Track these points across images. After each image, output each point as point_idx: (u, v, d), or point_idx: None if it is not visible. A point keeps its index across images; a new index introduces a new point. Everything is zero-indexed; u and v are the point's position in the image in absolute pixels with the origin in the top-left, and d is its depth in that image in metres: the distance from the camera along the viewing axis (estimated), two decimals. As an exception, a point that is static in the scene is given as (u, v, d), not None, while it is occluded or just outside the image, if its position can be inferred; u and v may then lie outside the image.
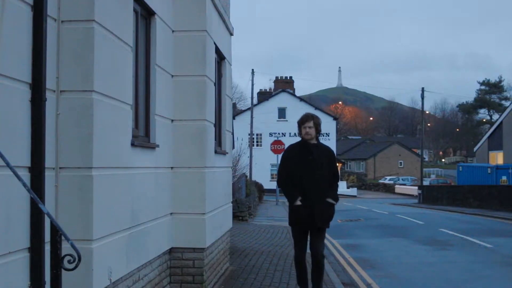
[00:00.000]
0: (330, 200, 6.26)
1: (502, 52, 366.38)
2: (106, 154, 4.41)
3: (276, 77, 59.26)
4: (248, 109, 49.38)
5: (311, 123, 6.39)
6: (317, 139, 6.48)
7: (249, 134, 40.09)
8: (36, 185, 3.54)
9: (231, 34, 9.27)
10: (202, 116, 6.79)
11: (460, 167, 41.08)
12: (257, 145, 51.76)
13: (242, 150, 24.16)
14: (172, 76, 6.70)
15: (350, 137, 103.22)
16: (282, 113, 54.71)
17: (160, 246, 6.18)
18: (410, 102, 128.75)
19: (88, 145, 4.11)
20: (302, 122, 6.46)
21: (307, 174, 6.24)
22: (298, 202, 6.19)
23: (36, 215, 3.50)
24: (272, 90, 59.08)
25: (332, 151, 6.65)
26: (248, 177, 30.57)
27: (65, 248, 3.34)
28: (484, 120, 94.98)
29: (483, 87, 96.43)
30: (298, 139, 6.65)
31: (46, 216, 3.42)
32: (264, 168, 49.17)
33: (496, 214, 24.55)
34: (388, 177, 70.48)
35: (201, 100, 6.80)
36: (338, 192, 6.62)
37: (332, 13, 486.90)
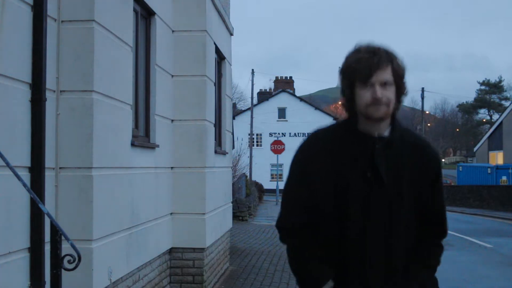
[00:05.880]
0: None
1: (500, 53, 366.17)
2: (106, 154, 4.41)
3: (276, 77, 59.19)
4: (248, 109, 49.35)
5: (388, 71, 2.14)
6: (394, 121, 2.28)
7: (249, 134, 40.03)
8: (36, 185, 3.54)
9: (231, 34, 9.28)
10: (202, 116, 6.79)
11: (460, 167, 41.04)
12: (257, 145, 51.71)
13: (242, 150, 24.12)
14: (172, 76, 6.70)
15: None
16: (282, 113, 54.64)
17: (160, 246, 6.18)
18: (410, 102, 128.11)
19: (88, 145, 4.11)
20: (370, 69, 2.13)
21: (363, 216, 2.24)
22: None
23: (36, 215, 3.50)
24: (272, 90, 59.02)
25: (434, 154, 2.39)
26: (248, 177, 30.53)
27: (65, 248, 3.33)
28: (484, 120, 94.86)
29: (483, 87, 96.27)
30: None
31: (46, 216, 3.42)
32: (264, 168, 49.13)
33: (496, 214, 24.55)
34: (388, 177, 70.43)
35: (201, 100, 6.80)
36: None
37: (332, 13, 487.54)
